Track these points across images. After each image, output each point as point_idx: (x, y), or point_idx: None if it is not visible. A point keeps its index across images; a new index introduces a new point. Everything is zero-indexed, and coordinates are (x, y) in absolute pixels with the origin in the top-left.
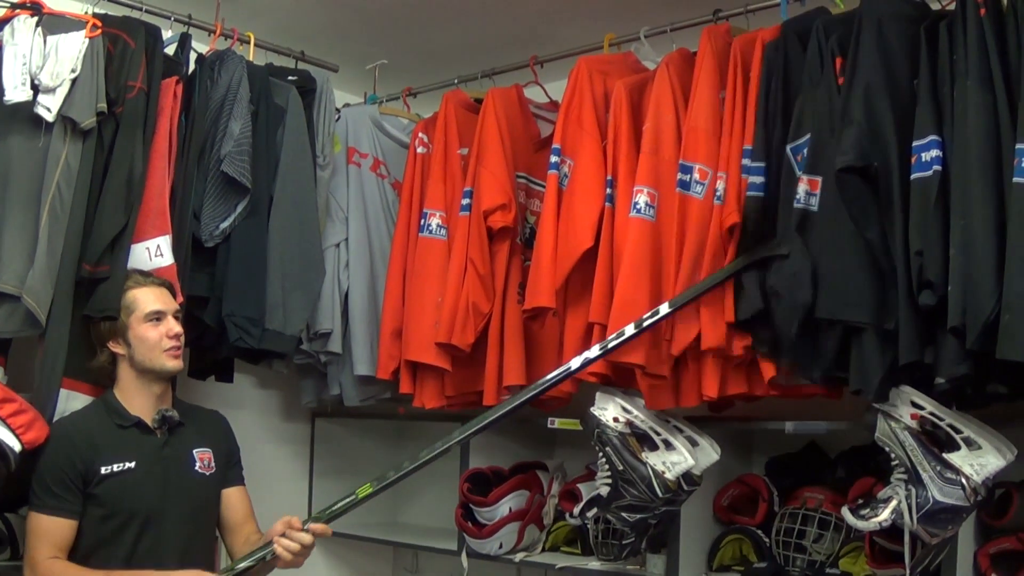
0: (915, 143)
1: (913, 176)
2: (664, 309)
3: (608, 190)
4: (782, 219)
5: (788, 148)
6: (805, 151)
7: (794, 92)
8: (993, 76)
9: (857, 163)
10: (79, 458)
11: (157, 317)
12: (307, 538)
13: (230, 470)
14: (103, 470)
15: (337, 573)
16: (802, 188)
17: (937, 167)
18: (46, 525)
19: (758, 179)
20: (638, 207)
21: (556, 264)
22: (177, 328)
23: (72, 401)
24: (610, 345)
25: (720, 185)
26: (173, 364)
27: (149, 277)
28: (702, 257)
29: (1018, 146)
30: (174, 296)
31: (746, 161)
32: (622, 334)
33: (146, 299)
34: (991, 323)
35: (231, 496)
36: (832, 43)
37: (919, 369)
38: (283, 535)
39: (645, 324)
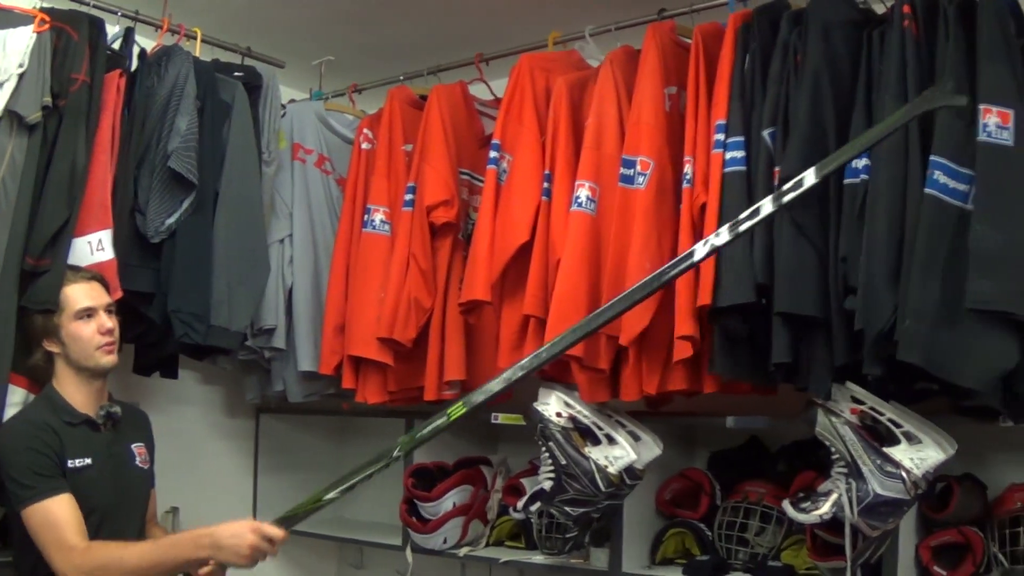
0: None
1: (845, 182)
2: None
3: (545, 184)
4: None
5: (765, 133)
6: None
7: (769, 73)
8: (908, 92)
9: (800, 171)
10: (53, 446)
11: (88, 314)
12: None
13: (152, 470)
14: (69, 464)
15: (282, 570)
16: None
17: (864, 175)
18: (55, 509)
19: (738, 153)
20: (579, 201)
21: (492, 258)
22: (109, 323)
23: (11, 395)
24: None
25: (688, 168)
26: (107, 360)
27: (79, 272)
28: (651, 244)
29: (932, 158)
30: (108, 290)
31: (720, 136)
32: (757, 211)
33: (76, 296)
34: (887, 331)
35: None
36: (794, 38)
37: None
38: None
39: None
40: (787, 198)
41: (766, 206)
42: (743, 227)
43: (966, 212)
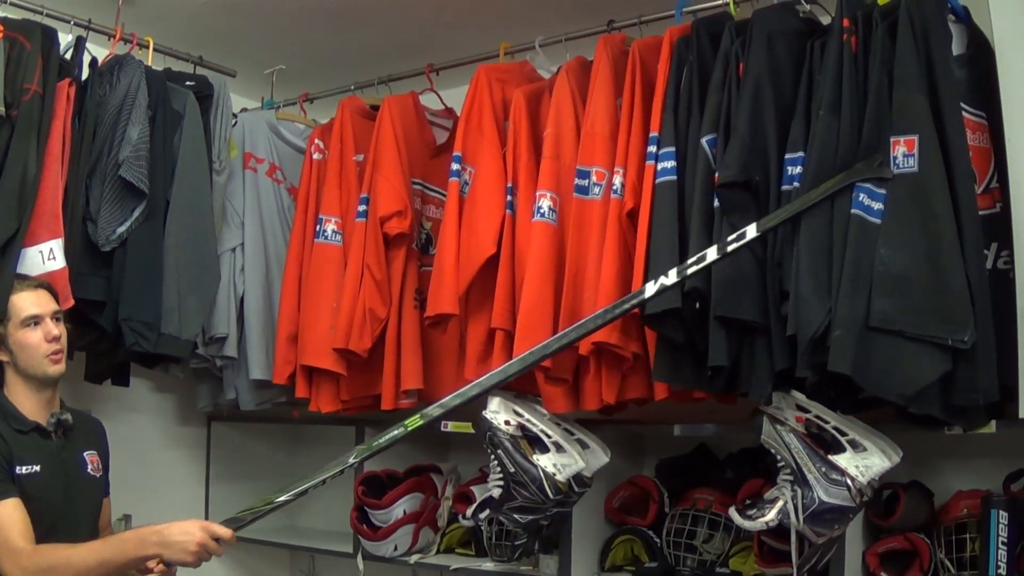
0: (787, 155)
1: (782, 188)
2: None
3: (508, 197)
4: (696, 210)
5: (703, 140)
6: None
7: (710, 82)
8: (843, 106)
9: (739, 178)
10: (2, 451)
11: (34, 321)
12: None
13: (105, 477)
14: (18, 470)
15: None
16: None
17: (798, 183)
18: (1, 512)
19: (669, 163)
20: (541, 211)
21: (459, 271)
22: (55, 331)
23: None
24: (689, 271)
25: (617, 180)
26: (54, 369)
27: (26, 280)
28: (623, 254)
29: (856, 182)
30: (57, 298)
31: (652, 148)
32: (703, 257)
33: (22, 304)
34: (818, 338)
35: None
36: (737, 47)
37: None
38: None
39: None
40: (731, 247)
41: (711, 253)
42: (690, 271)
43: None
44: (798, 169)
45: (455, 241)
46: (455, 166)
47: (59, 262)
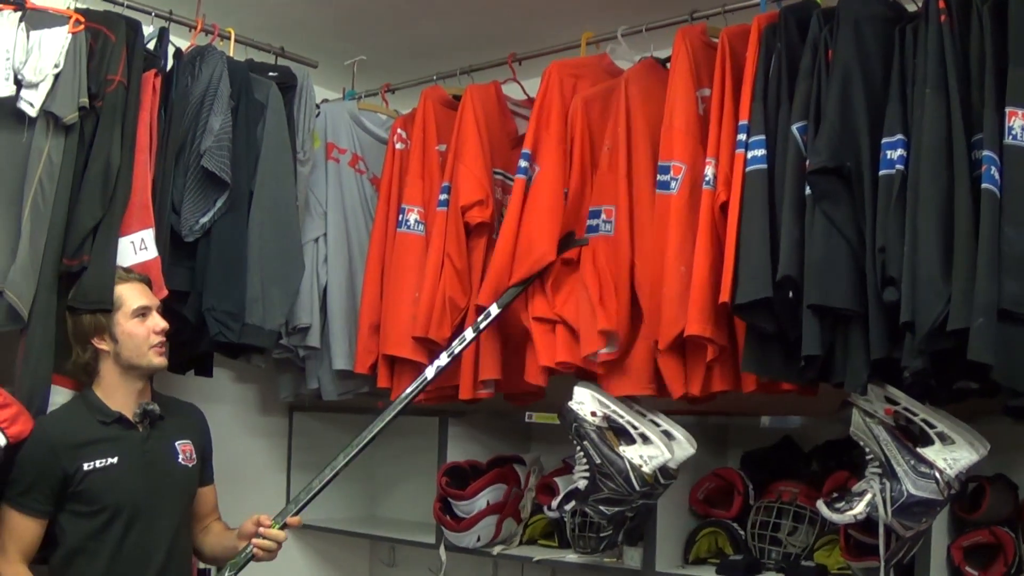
0: (884, 140)
1: (880, 173)
2: (494, 310)
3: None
4: (787, 198)
5: (794, 128)
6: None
7: (799, 70)
8: (949, 83)
9: (829, 164)
10: (60, 458)
11: (143, 313)
12: (281, 535)
13: (204, 466)
14: (86, 466)
15: (314, 566)
16: None
17: (900, 166)
18: (15, 522)
19: (759, 152)
20: (596, 227)
21: (513, 270)
22: (163, 323)
23: (55, 395)
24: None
25: (709, 171)
26: (159, 361)
27: (130, 273)
28: (686, 247)
29: (985, 153)
30: (152, 291)
31: (742, 136)
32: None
33: (131, 295)
34: (939, 324)
35: (202, 492)
36: (825, 34)
37: (895, 365)
38: (256, 535)
39: (481, 327)
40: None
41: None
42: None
43: None
44: (899, 152)
45: (512, 239)
46: (523, 163)
47: (151, 252)
